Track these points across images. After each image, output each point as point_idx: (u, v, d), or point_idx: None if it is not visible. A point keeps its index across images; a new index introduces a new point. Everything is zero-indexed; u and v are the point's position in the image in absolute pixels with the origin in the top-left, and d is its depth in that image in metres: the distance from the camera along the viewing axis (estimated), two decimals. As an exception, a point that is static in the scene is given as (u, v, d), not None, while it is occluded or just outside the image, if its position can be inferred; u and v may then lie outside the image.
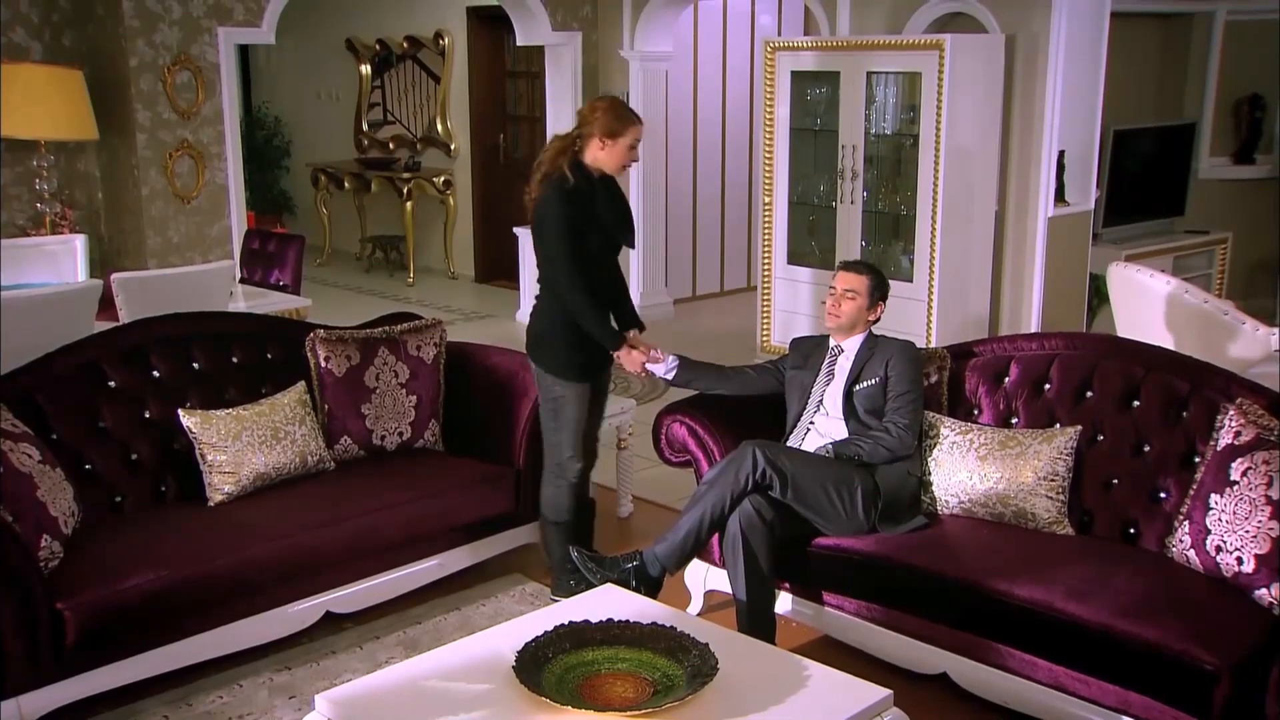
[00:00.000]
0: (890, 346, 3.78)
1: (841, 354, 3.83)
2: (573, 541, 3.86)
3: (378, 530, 3.84)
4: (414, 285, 9.97)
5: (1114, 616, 3.02)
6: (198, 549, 3.50)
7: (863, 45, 6.26)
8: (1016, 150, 6.20)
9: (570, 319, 3.82)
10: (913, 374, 3.73)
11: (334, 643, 3.81)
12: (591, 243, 3.80)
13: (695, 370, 3.95)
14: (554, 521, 4.04)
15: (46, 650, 3.13)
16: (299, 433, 3.99)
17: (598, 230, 3.80)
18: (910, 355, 3.75)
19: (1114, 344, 3.92)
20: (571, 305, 3.79)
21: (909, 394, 3.70)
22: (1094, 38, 6.21)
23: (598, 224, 3.80)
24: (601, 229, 3.81)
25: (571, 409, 3.94)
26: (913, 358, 3.75)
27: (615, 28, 8.13)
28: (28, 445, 3.44)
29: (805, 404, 3.84)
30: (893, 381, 3.70)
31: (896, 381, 3.70)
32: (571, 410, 3.94)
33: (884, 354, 3.76)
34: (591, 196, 3.79)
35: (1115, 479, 3.59)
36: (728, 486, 3.50)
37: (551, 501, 4.04)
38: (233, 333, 4.26)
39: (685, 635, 2.73)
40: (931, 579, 3.37)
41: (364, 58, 10.80)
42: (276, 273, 6.14)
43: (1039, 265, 6.23)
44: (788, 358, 3.99)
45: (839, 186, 6.42)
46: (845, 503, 3.54)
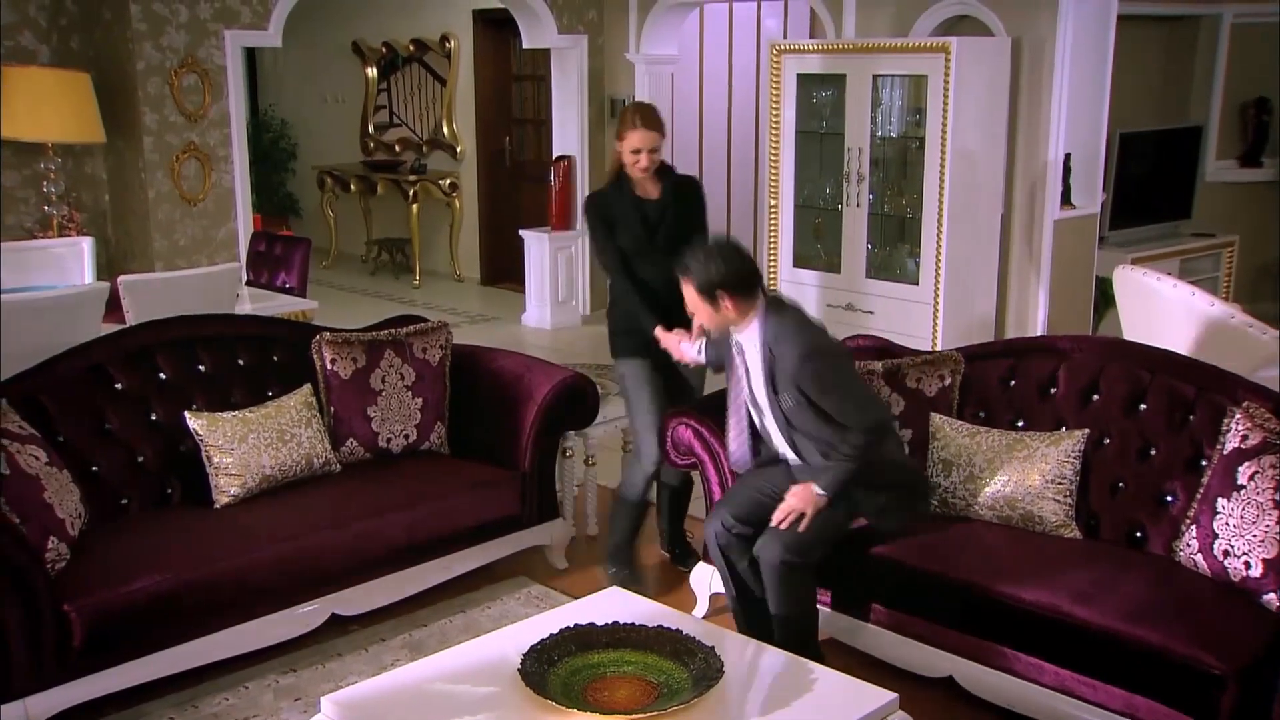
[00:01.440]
0: (786, 359, 3.31)
1: (743, 352, 3.47)
2: (634, 522, 4.22)
3: (383, 533, 3.84)
4: (420, 288, 9.98)
5: (1120, 620, 3.02)
6: (204, 551, 3.50)
7: (868, 48, 6.26)
8: (1022, 153, 6.19)
9: (617, 300, 4.17)
10: (821, 382, 3.30)
11: (339, 645, 3.81)
12: (622, 240, 4.11)
13: (720, 346, 3.67)
14: (621, 497, 4.26)
15: (52, 652, 3.14)
16: (305, 435, 3.99)
17: (624, 229, 4.10)
18: (808, 372, 3.28)
19: (1120, 347, 3.91)
20: (614, 290, 4.20)
21: (833, 397, 3.30)
22: (1100, 41, 6.20)
23: (624, 223, 4.10)
24: (627, 228, 4.09)
25: (633, 388, 4.14)
26: (812, 373, 3.29)
27: (621, 31, 8.13)
28: (34, 447, 3.45)
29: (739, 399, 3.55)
30: (814, 397, 3.31)
31: (817, 397, 3.31)
32: (634, 390, 4.14)
33: (783, 368, 3.32)
34: (610, 200, 4.13)
35: (1122, 482, 3.59)
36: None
37: (624, 477, 4.29)
38: (239, 335, 4.26)
39: (690, 638, 2.73)
40: (937, 581, 3.36)
41: (370, 60, 10.82)
42: (283, 275, 6.15)
43: (1045, 268, 6.22)
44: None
45: (845, 189, 6.41)
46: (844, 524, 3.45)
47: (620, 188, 4.13)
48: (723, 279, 3.33)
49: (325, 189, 10.81)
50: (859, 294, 6.42)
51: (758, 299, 3.40)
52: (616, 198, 4.12)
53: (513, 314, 8.75)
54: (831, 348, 3.44)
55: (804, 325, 3.40)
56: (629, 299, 4.09)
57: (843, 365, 3.44)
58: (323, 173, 10.83)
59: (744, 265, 3.39)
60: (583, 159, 8.31)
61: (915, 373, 3.95)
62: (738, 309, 3.37)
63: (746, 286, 3.36)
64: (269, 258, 6.25)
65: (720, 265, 3.35)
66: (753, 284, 3.38)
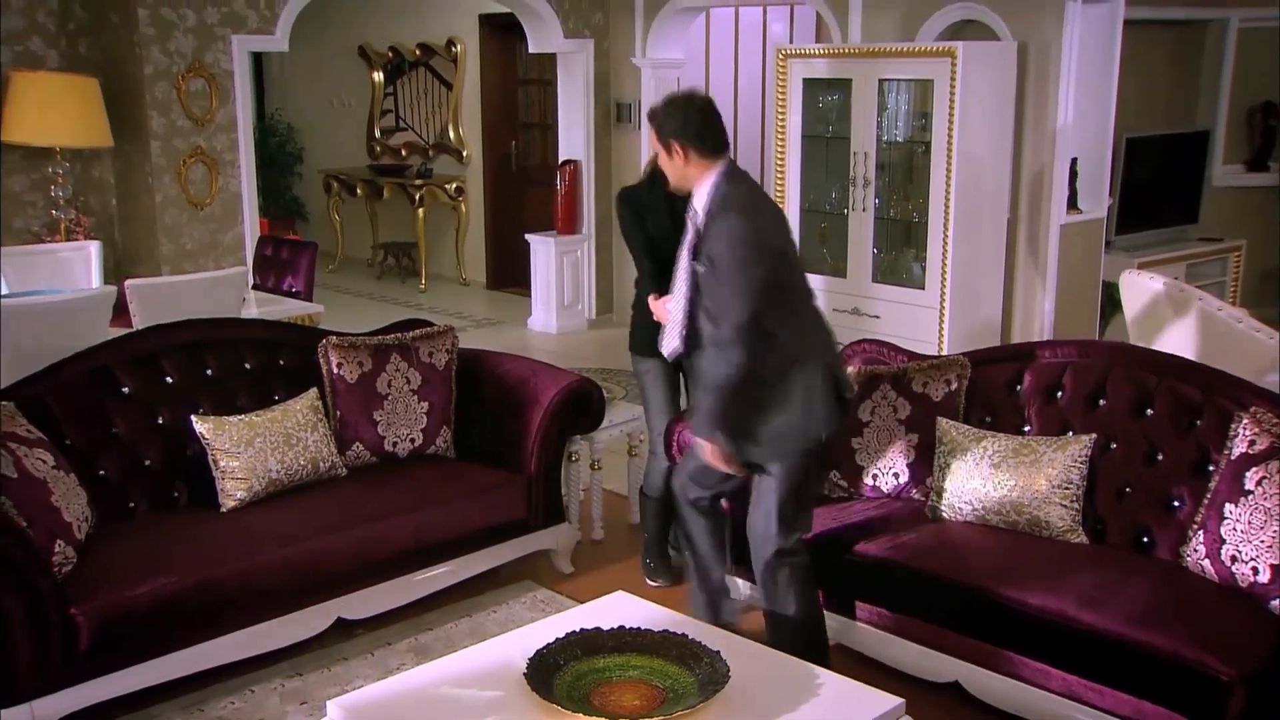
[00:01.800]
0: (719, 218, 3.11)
1: (695, 216, 3.28)
2: (665, 519, 4.23)
3: (389, 537, 3.85)
4: (426, 292, 9.99)
5: (1128, 625, 3.01)
6: (210, 555, 3.51)
7: (875, 53, 6.26)
8: (1029, 157, 6.19)
9: (642, 295, 4.14)
10: (715, 248, 3.08)
11: (345, 649, 3.81)
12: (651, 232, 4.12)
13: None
14: (646, 495, 4.35)
15: (59, 655, 3.14)
16: (311, 439, 4.00)
17: (654, 221, 4.11)
18: (711, 231, 3.10)
19: (1127, 352, 3.90)
20: (639, 286, 4.22)
21: (719, 272, 3.07)
22: (1107, 45, 6.20)
23: (654, 215, 4.11)
24: (656, 221, 4.10)
25: (649, 386, 4.20)
26: (714, 233, 3.08)
27: (627, 35, 8.14)
28: (42, 451, 3.46)
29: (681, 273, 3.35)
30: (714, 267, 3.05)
31: (710, 269, 3.07)
32: (650, 388, 4.20)
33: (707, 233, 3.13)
34: (641, 194, 4.16)
35: (1128, 487, 3.58)
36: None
37: (647, 476, 4.37)
38: (245, 339, 4.27)
39: (696, 643, 2.72)
40: (944, 586, 3.36)
41: (377, 65, 10.84)
42: (289, 279, 6.16)
43: (1051, 273, 6.21)
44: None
45: (851, 194, 6.41)
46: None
47: (654, 185, 4.03)
48: (680, 127, 3.23)
49: (331, 193, 10.83)
50: (865, 298, 6.42)
51: (715, 160, 3.24)
52: (648, 192, 4.14)
53: (518, 318, 8.76)
54: (748, 227, 3.10)
55: (748, 195, 3.22)
56: (643, 280, 4.16)
57: (748, 246, 3.07)
58: (329, 177, 10.85)
59: (705, 120, 3.26)
60: (588, 163, 8.31)
61: (921, 377, 3.95)
62: (690, 162, 3.23)
63: (701, 141, 3.23)
64: (275, 262, 6.26)
65: (681, 114, 3.26)
66: (709, 141, 3.23)
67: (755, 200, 3.25)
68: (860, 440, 3.90)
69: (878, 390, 3.93)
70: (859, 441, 3.90)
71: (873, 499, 3.88)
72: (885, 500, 3.87)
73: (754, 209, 3.20)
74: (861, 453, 3.90)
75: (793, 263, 3.31)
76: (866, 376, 3.96)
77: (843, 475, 3.92)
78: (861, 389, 3.93)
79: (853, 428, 3.90)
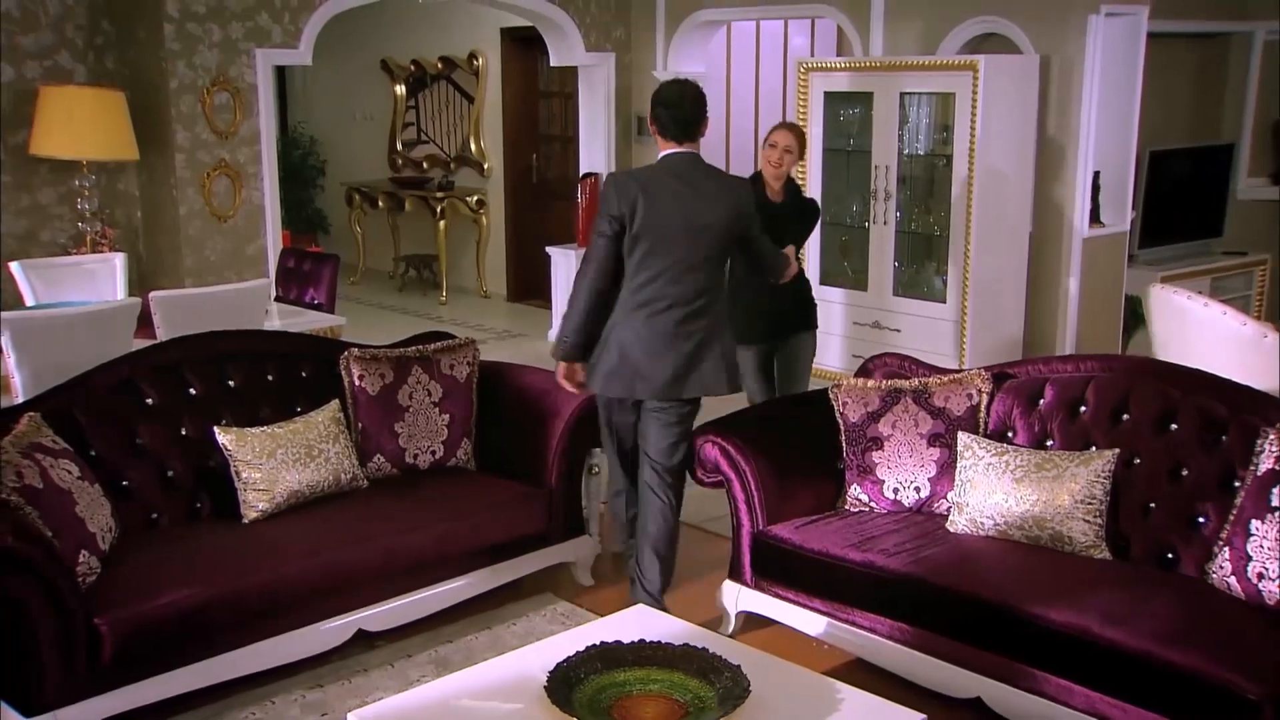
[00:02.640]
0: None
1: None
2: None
3: (410, 549, 3.85)
4: (446, 304, 10.02)
5: (1153, 642, 2.99)
6: (232, 566, 3.52)
7: (896, 66, 6.26)
8: (1051, 171, 6.17)
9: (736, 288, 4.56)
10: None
11: (365, 661, 3.82)
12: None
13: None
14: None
15: (83, 665, 3.16)
16: (333, 451, 4.01)
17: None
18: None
19: (1151, 366, 3.88)
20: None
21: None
22: (1130, 59, 6.18)
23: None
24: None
25: (746, 373, 4.75)
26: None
27: (648, 49, 8.17)
28: (67, 461, 3.48)
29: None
30: None
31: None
32: (747, 375, 4.74)
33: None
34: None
35: (1153, 503, 3.55)
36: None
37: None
38: (268, 351, 4.29)
39: (717, 657, 2.72)
40: (966, 601, 3.34)
41: (399, 78, 10.91)
42: (311, 291, 6.19)
43: (1074, 287, 6.19)
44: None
45: (872, 207, 6.41)
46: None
47: (755, 186, 4.67)
48: (653, 103, 3.89)
49: (353, 205, 10.89)
50: (886, 312, 6.41)
51: (667, 143, 3.88)
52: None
53: (539, 330, 8.77)
54: (621, 179, 3.87)
55: (647, 173, 3.92)
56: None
57: (607, 197, 3.84)
58: (351, 189, 10.91)
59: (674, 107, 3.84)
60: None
61: (943, 391, 3.93)
62: (655, 134, 3.91)
63: (658, 122, 3.87)
64: (298, 274, 6.29)
65: (662, 92, 3.89)
66: (665, 125, 3.85)
67: (670, 161, 3.89)
68: (881, 454, 3.89)
69: (899, 404, 3.92)
70: (880, 455, 3.88)
71: (894, 513, 3.86)
72: (906, 514, 3.85)
73: (658, 164, 3.92)
74: (882, 466, 3.88)
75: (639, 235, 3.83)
76: (887, 390, 3.95)
77: (864, 489, 3.90)
78: (882, 402, 3.92)
79: (874, 442, 3.89)
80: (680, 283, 3.82)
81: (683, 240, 3.81)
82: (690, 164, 3.87)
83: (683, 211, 3.80)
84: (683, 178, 3.85)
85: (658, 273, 3.82)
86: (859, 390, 3.98)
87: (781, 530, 3.78)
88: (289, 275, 6.33)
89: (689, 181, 3.85)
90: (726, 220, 3.87)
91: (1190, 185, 7.44)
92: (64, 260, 5.88)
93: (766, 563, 3.81)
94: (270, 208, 6.89)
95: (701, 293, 3.86)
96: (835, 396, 4.00)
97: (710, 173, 3.94)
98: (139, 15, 6.51)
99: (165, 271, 6.74)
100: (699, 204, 3.82)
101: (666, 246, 3.81)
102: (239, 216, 6.77)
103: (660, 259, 3.81)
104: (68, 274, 5.63)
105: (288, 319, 5.67)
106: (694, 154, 3.89)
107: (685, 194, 3.82)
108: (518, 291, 10.13)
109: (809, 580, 3.69)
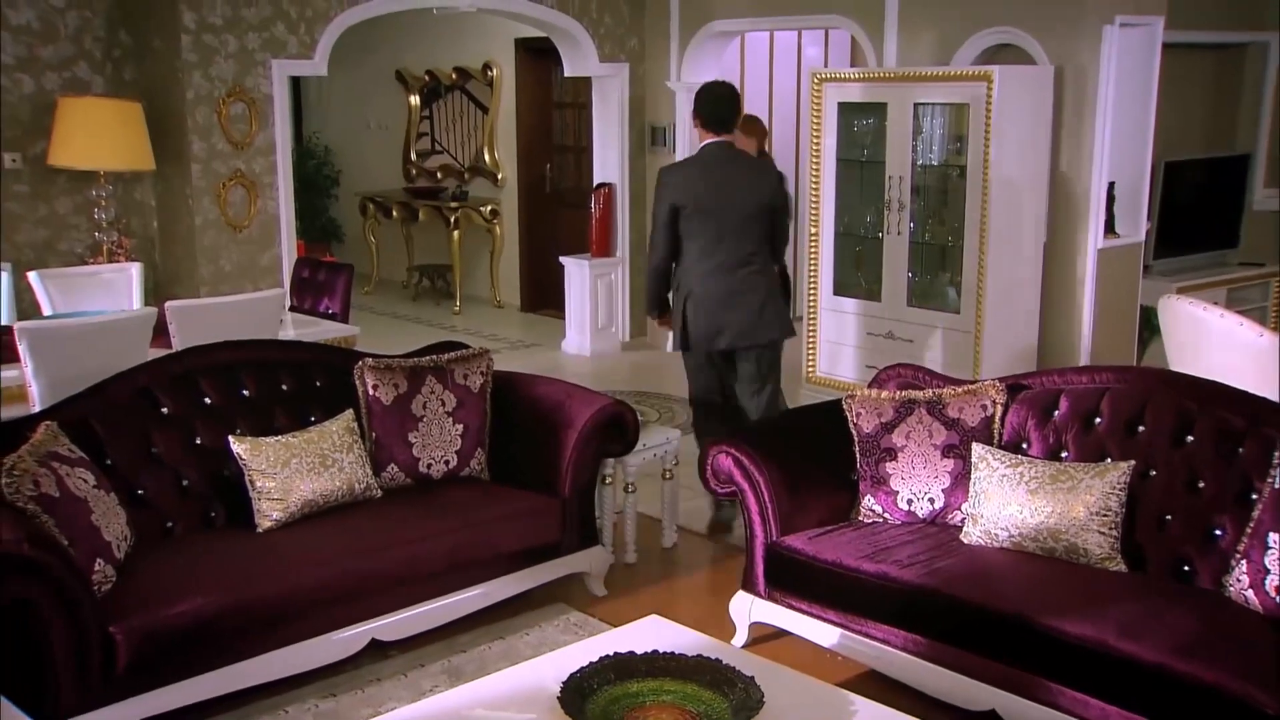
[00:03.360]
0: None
1: None
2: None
3: (423, 558, 3.86)
4: (460, 314, 10.04)
5: (1169, 655, 2.97)
6: (246, 575, 3.53)
7: (910, 77, 6.26)
8: (1065, 181, 6.16)
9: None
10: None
11: (379, 670, 3.82)
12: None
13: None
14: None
15: (98, 673, 3.17)
16: (346, 460, 4.02)
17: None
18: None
19: (1166, 378, 3.86)
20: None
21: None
22: (1145, 69, 6.17)
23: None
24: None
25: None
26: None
27: (662, 59, 8.19)
28: (83, 470, 3.50)
29: None
30: None
31: None
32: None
33: None
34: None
35: (1169, 515, 3.53)
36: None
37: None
38: (282, 361, 4.31)
39: (730, 668, 2.71)
40: (981, 613, 3.32)
41: (413, 88, 10.95)
42: (326, 301, 6.20)
43: (1088, 297, 6.17)
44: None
45: (885, 217, 6.40)
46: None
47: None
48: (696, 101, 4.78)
49: (367, 215, 10.93)
50: (900, 322, 6.40)
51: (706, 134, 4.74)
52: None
53: (553, 340, 8.78)
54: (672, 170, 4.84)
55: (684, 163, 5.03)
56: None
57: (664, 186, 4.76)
58: (365, 199, 10.95)
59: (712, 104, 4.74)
60: (623, 186, 8.35)
61: (957, 402, 3.92)
62: (698, 127, 4.78)
63: (702, 119, 4.74)
64: (312, 284, 6.31)
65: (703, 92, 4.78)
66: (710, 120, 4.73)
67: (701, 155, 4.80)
68: (895, 465, 3.88)
69: (912, 415, 3.91)
70: (894, 466, 3.88)
71: (908, 524, 3.85)
72: (921, 525, 3.84)
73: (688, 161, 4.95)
74: (896, 478, 3.88)
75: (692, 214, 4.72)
76: (901, 401, 3.94)
77: (877, 500, 3.89)
78: (896, 413, 3.91)
79: (888, 452, 3.88)
80: (737, 247, 4.70)
81: (732, 212, 4.67)
82: (728, 150, 4.78)
83: (730, 187, 4.69)
84: (724, 161, 4.74)
85: (716, 240, 4.68)
86: (873, 401, 3.98)
87: (795, 541, 3.77)
88: (303, 285, 6.36)
89: (729, 164, 4.75)
90: (765, 193, 4.78)
91: (1206, 196, 7.42)
92: (81, 270, 5.92)
93: (780, 574, 3.80)
94: (285, 217, 6.92)
95: (754, 255, 4.76)
96: (849, 407, 3.99)
97: (744, 157, 4.91)
98: (156, 27, 6.55)
99: (181, 281, 6.78)
100: (740, 181, 4.72)
101: (720, 218, 4.67)
102: (254, 226, 6.81)
103: (715, 228, 4.68)
104: (84, 284, 5.66)
105: (302, 329, 5.69)
106: (729, 142, 4.78)
107: (729, 173, 4.72)
108: (531, 301, 10.14)
109: (822, 591, 3.68)
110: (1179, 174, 7.17)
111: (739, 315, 4.70)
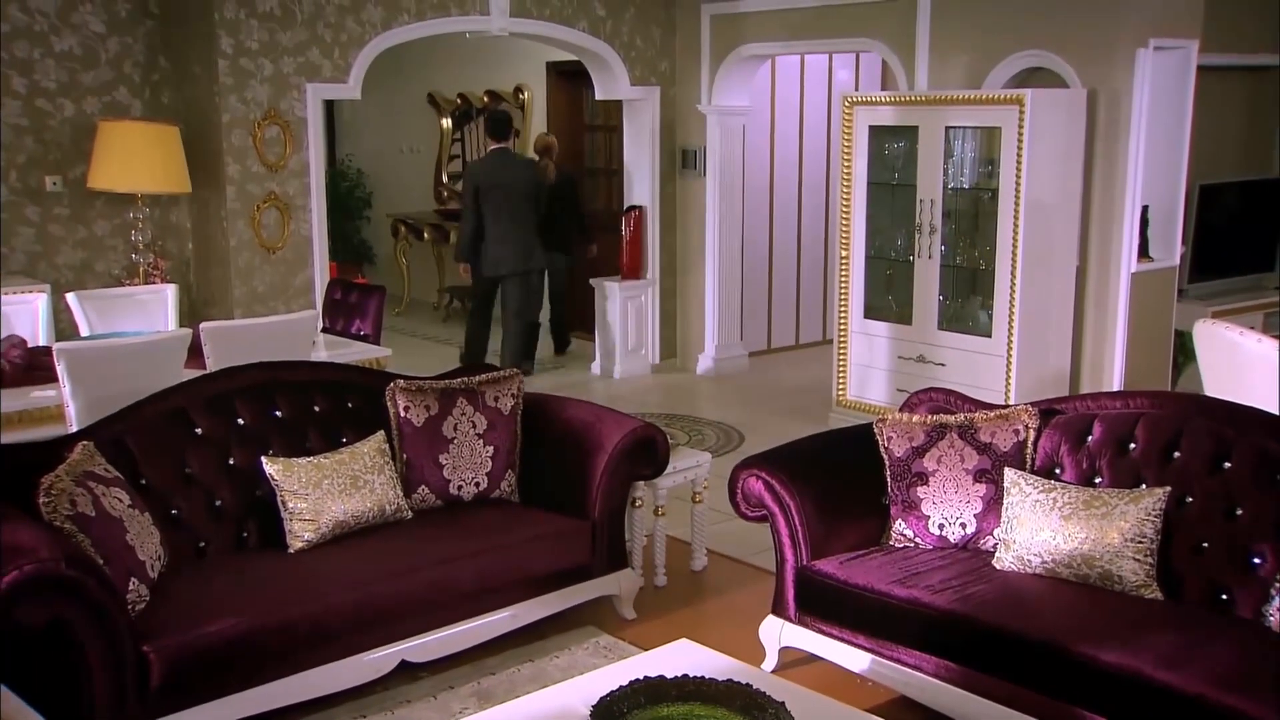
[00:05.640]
0: None
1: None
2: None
3: (453, 580, 3.86)
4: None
5: (1208, 686, 2.92)
6: (277, 596, 3.55)
7: (941, 100, 6.25)
8: (1098, 205, 6.12)
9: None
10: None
11: (408, 692, 3.82)
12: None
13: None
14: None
15: (133, 692, 3.19)
16: (378, 481, 4.04)
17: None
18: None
19: (1202, 404, 3.82)
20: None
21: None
22: (1179, 92, 6.13)
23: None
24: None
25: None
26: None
27: (693, 83, 8.22)
28: (119, 490, 3.53)
29: None
30: None
31: None
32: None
33: None
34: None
35: (1205, 543, 3.49)
36: None
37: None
38: (314, 382, 4.34)
39: (761, 693, 2.69)
40: (1014, 640, 3.29)
41: (445, 111, 11.04)
42: (358, 323, 6.24)
43: (1122, 322, 6.12)
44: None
45: (916, 241, 6.38)
46: None
47: (536, 169, 8.32)
48: (486, 121, 7.59)
49: (399, 237, 11.00)
50: (931, 346, 6.37)
51: (492, 141, 6.98)
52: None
53: (583, 362, 8.80)
54: (473, 168, 7.81)
55: (486, 155, 7.42)
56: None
57: (467, 178, 7.83)
58: (397, 221, 11.03)
59: (494, 124, 7.40)
60: (653, 209, 8.37)
61: (989, 427, 3.90)
62: (488, 136, 6.89)
63: (489, 130, 6.53)
64: (344, 305, 6.36)
65: (491, 116, 7.20)
66: (491, 131, 7.25)
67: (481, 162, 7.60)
68: (926, 489, 3.85)
69: (944, 439, 3.89)
70: (925, 491, 3.85)
71: (939, 549, 3.82)
72: (952, 551, 3.81)
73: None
74: (927, 502, 3.85)
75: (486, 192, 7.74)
76: (933, 425, 3.92)
77: (909, 525, 3.87)
78: (927, 437, 3.89)
79: (919, 477, 3.86)
80: (515, 220, 7.73)
81: (512, 195, 7.68)
82: (506, 153, 7.80)
83: (508, 178, 7.72)
84: (502, 160, 7.76)
85: (500, 214, 7.67)
86: (904, 425, 3.96)
87: (826, 565, 3.76)
88: (335, 307, 6.40)
89: (507, 162, 7.77)
90: (530, 182, 7.85)
91: (1241, 219, 7.35)
92: (117, 291, 5.99)
93: (810, 598, 3.78)
94: (318, 239, 6.99)
95: (527, 222, 7.84)
96: (880, 431, 3.97)
97: (516, 157, 7.92)
98: (195, 52, 6.65)
99: (215, 302, 6.85)
100: (515, 174, 7.77)
101: (503, 200, 7.67)
102: (287, 248, 6.87)
103: (501, 207, 7.69)
104: (121, 305, 5.73)
105: (334, 350, 5.73)
106: (506, 147, 7.81)
107: (507, 168, 7.73)
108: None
109: (853, 616, 3.66)
110: (1214, 197, 7.11)
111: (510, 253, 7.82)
